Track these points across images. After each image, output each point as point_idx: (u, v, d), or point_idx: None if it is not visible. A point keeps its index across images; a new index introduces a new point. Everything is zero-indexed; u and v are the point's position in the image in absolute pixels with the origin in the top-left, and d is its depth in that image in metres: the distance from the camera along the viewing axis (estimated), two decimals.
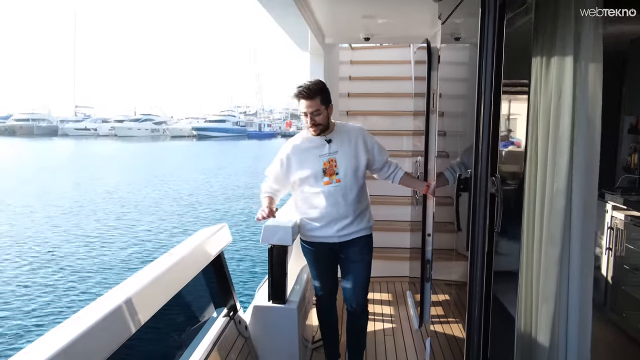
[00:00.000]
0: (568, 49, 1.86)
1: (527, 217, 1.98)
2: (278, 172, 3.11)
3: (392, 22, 4.07)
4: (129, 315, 1.64)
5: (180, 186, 22.55)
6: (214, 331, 2.52)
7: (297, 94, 2.93)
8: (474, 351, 2.07)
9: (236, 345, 2.72)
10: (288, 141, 3.18)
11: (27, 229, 13.97)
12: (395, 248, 5.07)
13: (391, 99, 5.95)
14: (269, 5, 3.50)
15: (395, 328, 4.06)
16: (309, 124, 2.95)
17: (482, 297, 2.00)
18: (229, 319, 2.72)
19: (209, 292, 2.77)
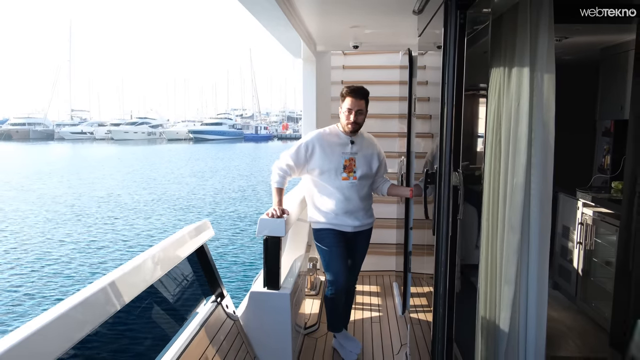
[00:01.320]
0: (525, 61, 2.13)
1: (491, 208, 2.25)
2: (301, 154, 3.35)
3: (379, 32, 4.35)
4: (112, 296, 1.90)
5: (175, 189, 22.71)
6: (201, 315, 2.79)
7: (349, 91, 3.26)
8: (439, 328, 2.33)
9: (224, 327, 2.98)
10: (314, 131, 3.46)
11: (17, 233, 14.14)
12: (384, 244, 5.34)
13: (381, 102, 6.21)
14: (261, 17, 3.75)
15: (382, 316, 4.33)
16: (351, 119, 3.26)
17: (446, 278, 2.26)
18: (217, 304, 2.98)
19: (196, 282, 3.03)
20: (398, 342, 3.86)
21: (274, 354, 3.32)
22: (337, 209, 3.36)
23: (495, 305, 2.31)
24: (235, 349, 3.06)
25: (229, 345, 2.99)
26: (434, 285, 2.33)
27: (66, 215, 16.51)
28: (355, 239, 3.49)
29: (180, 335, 2.58)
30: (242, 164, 34.87)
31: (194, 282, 3.04)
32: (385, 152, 3.61)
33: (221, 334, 2.92)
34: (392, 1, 3.31)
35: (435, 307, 2.33)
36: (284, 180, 3.41)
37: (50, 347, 1.53)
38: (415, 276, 3.43)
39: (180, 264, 2.70)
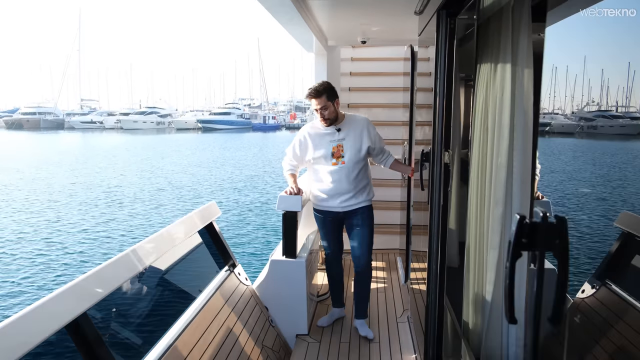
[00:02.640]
0: (507, 57, 2.53)
1: (479, 185, 2.67)
2: (297, 149, 3.81)
3: (385, 29, 4.74)
4: (136, 261, 2.39)
5: (182, 178, 23.07)
6: (216, 281, 3.26)
7: (307, 95, 3.67)
8: (433, 284, 2.76)
9: (237, 291, 3.46)
10: (306, 125, 3.88)
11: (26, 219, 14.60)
12: (390, 224, 5.76)
13: (388, 92, 6.58)
14: (277, 14, 4.13)
15: (387, 287, 4.77)
16: (319, 117, 3.66)
17: (439, 241, 2.69)
18: (230, 272, 3.46)
19: (210, 255, 3.54)
20: (401, 307, 4.30)
21: (291, 316, 3.77)
22: (326, 192, 3.75)
23: (482, 267, 2.73)
24: (249, 310, 3.52)
25: (243, 306, 3.44)
26: (428, 245, 2.75)
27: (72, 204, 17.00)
28: (349, 218, 3.81)
29: (198, 297, 3.05)
30: (248, 154, 35.20)
31: (207, 255, 3.53)
32: (390, 139, 4.02)
33: (235, 297, 3.38)
34: (397, 3, 3.70)
35: (430, 264, 2.76)
36: (294, 169, 3.88)
37: (96, 292, 2.03)
38: (415, 253, 3.86)
39: (192, 238, 3.21)
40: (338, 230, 3.92)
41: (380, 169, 4.11)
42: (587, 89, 1.12)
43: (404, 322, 4.02)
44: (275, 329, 3.76)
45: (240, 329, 3.26)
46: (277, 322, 3.82)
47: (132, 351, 2.63)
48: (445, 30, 2.49)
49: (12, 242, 12.06)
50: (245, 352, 3.17)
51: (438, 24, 2.52)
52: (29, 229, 13.37)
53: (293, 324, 3.82)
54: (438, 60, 2.55)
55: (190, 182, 21.90)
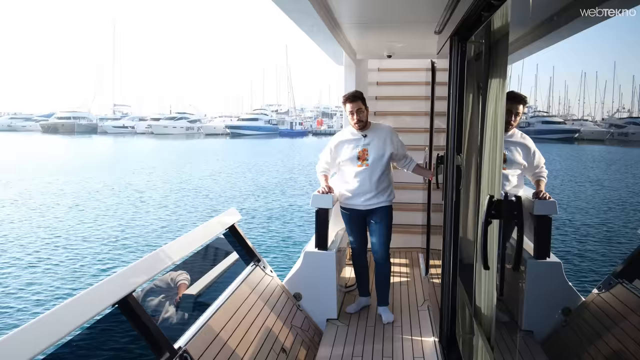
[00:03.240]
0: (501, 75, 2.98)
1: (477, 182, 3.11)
2: (328, 155, 4.36)
3: (408, 45, 5.20)
4: (156, 261, 2.88)
5: (208, 184, 23.53)
6: (242, 274, 3.80)
7: (345, 99, 4.20)
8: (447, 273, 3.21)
9: (263, 281, 4.00)
10: (337, 134, 4.41)
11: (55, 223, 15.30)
12: (412, 225, 6.19)
13: (412, 101, 6.99)
14: (312, 34, 4.62)
15: (410, 280, 5.21)
16: (355, 119, 4.15)
17: (451, 233, 3.14)
18: (255, 266, 4.02)
19: (235, 253, 4.10)
20: (422, 297, 4.74)
21: (323, 302, 4.26)
22: (351, 191, 4.24)
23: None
24: (276, 297, 4.04)
25: (269, 293, 3.97)
26: (442, 237, 3.20)
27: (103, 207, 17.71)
28: (370, 215, 4.28)
29: (228, 287, 3.60)
30: (273, 160, 35.67)
31: (233, 253, 4.11)
32: (413, 145, 4.47)
33: (261, 286, 3.91)
34: (419, 24, 4.17)
35: (444, 253, 3.21)
36: (327, 170, 4.42)
37: (138, 278, 2.59)
38: (434, 251, 4.31)
39: (217, 240, 3.82)
40: (362, 227, 4.39)
41: (403, 173, 4.60)
42: (618, 95, 1.26)
43: (424, 310, 4.45)
44: (304, 312, 4.24)
45: (267, 312, 3.76)
46: (310, 308, 4.30)
47: (174, 327, 3.16)
48: (457, 52, 2.95)
49: (80, 239, 12.85)
50: (274, 330, 3.66)
51: (451, 47, 2.98)
52: (84, 226, 14.18)
53: (324, 309, 4.29)
54: (451, 77, 3.01)
55: (216, 187, 22.38)
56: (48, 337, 1.99)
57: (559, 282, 3.63)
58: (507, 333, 3.29)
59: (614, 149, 22.61)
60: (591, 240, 8.17)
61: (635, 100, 16.69)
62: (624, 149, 20.53)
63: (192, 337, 2.83)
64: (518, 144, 3.66)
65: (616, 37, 1.05)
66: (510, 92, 3.07)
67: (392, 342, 3.92)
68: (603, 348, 3.16)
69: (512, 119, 3.23)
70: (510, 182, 3.49)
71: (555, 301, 3.85)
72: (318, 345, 3.95)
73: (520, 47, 3.26)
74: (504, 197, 1.84)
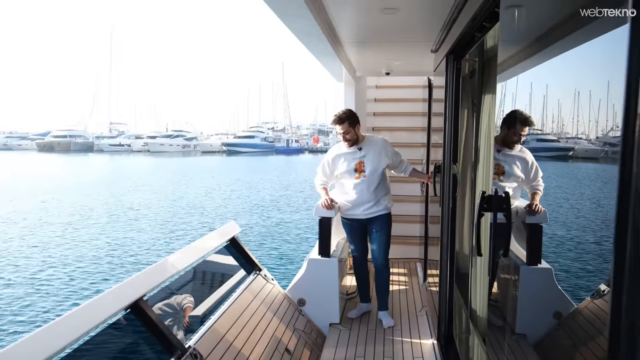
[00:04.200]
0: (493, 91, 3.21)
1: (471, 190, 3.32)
2: (326, 168, 4.57)
3: (406, 63, 5.46)
4: (169, 268, 3.08)
5: (207, 202, 23.62)
6: (245, 283, 4.00)
7: (332, 121, 4.43)
8: (444, 276, 3.41)
9: (265, 289, 4.20)
10: (334, 147, 4.62)
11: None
12: (410, 236, 6.40)
13: (409, 117, 7.23)
14: (315, 51, 4.87)
15: (408, 288, 5.41)
16: (343, 140, 4.41)
17: (448, 237, 3.35)
18: (256, 275, 4.23)
19: (237, 263, 4.32)
20: (420, 304, 4.93)
21: (325, 307, 4.44)
22: (351, 202, 4.46)
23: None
24: (278, 303, 4.23)
25: (271, 299, 4.16)
26: (440, 241, 3.41)
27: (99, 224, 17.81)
28: (370, 223, 4.50)
29: (231, 295, 3.80)
30: (268, 178, 35.79)
31: (234, 264, 4.32)
32: (411, 159, 4.69)
33: (263, 293, 4.12)
34: (417, 43, 4.43)
35: (441, 256, 3.41)
36: (325, 183, 4.63)
37: (139, 289, 2.76)
38: (431, 261, 4.52)
39: (219, 251, 4.04)
40: (363, 235, 4.59)
41: (402, 187, 4.83)
42: (612, 114, 1.32)
43: (422, 315, 4.64)
44: (306, 317, 4.43)
45: (270, 316, 3.96)
46: (313, 313, 4.48)
47: (183, 331, 3.37)
48: (452, 70, 3.20)
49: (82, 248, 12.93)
50: (277, 333, 3.86)
51: (447, 65, 3.23)
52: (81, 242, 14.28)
53: (327, 314, 4.48)
54: (447, 92, 3.25)
55: (211, 204, 22.34)
56: (62, 339, 2.14)
57: (550, 287, 3.83)
58: (502, 336, 3.48)
59: (608, 167, 22.78)
60: (583, 252, 8.36)
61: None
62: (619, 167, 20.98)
63: (200, 338, 3.01)
64: (517, 157, 3.87)
65: (608, 56, 1.11)
66: (518, 113, 3.28)
67: (392, 344, 4.10)
68: (596, 349, 3.34)
69: (516, 138, 3.45)
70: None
71: (546, 305, 4.04)
72: (322, 348, 4.13)
73: (514, 64, 3.50)
74: (494, 193, 2.07)
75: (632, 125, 0.96)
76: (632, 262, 0.93)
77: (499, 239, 2.14)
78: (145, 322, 2.69)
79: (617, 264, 0.96)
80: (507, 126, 2.87)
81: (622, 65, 0.99)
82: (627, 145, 0.99)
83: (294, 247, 13.96)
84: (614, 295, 0.98)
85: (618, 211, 0.97)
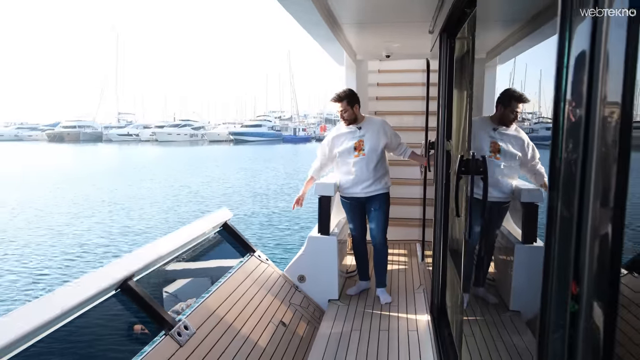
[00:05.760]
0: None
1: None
2: (325, 148, 4.64)
3: (405, 45, 5.50)
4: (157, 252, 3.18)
5: (211, 190, 23.62)
6: (237, 264, 4.09)
7: (331, 99, 4.50)
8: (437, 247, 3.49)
9: (259, 269, 4.29)
10: (333, 128, 4.71)
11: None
12: (410, 218, 6.48)
13: (411, 101, 7.28)
14: (314, 34, 4.92)
15: (407, 268, 5.50)
16: (341, 117, 4.47)
17: (442, 210, 3.42)
18: (250, 256, 4.33)
19: (230, 247, 4.41)
20: (418, 282, 5.02)
21: (325, 283, 4.55)
22: (351, 181, 4.53)
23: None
24: (273, 280, 4.33)
25: (266, 278, 4.27)
26: (434, 213, 3.48)
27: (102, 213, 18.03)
28: (369, 202, 4.57)
29: (224, 274, 3.89)
30: (277, 165, 35.87)
31: (228, 247, 4.41)
32: (414, 142, 4.78)
33: (257, 272, 4.23)
34: (413, 24, 4.47)
35: (435, 228, 3.49)
36: (321, 169, 4.72)
37: (137, 263, 2.88)
38: (428, 242, 4.61)
39: (211, 237, 4.14)
40: (362, 214, 4.67)
41: (402, 170, 4.91)
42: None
43: (420, 293, 4.73)
44: (302, 293, 4.54)
45: (264, 293, 4.07)
46: (313, 289, 4.59)
47: (173, 306, 3.43)
48: (445, 48, 3.25)
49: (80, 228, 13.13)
50: (272, 307, 3.97)
51: (440, 43, 3.28)
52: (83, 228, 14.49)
53: (326, 290, 4.58)
54: (440, 71, 3.31)
55: (216, 193, 22.32)
56: (49, 313, 2.21)
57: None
58: (497, 313, 3.57)
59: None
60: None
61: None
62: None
63: (191, 312, 3.11)
64: (513, 136, 3.93)
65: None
66: (511, 91, 3.34)
67: (388, 319, 4.20)
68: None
69: (513, 116, 3.51)
70: (503, 172, 3.76)
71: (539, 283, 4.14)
72: (320, 322, 4.24)
73: (509, 45, 3.55)
74: (472, 157, 2.15)
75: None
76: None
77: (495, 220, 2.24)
78: (135, 299, 2.79)
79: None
80: (502, 105, 2.93)
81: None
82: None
83: (295, 234, 13.99)
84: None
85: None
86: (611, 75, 0.90)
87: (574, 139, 1.00)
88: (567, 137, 1.04)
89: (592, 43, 0.95)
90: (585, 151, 0.96)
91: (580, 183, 0.98)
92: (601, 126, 0.93)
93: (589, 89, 0.94)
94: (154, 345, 2.72)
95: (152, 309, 2.80)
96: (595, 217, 0.95)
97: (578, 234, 0.99)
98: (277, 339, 3.67)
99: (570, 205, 1.02)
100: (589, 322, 0.98)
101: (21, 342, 2.06)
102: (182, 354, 2.79)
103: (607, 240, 0.92)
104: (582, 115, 0.97)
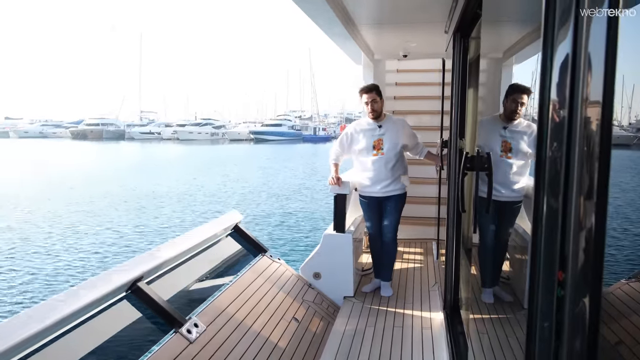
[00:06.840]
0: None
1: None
2: (343, 141, 4.69)
3: (422, 45, 5.55)
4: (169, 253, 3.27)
5: (229, 189, 23.88)
6: (248, 264, 4.19)
7: (360, 90, 4.56)
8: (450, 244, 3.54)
9: (270, 268, 4.37)
10: (353, 122, 4.78)
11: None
12: (427, 217, 6.51)
13: (429, 100, 7.29)
14: (331, 34, 5.00)
15: (423, 266, 5.55)
16: (369, 109, 4.50)
17: (455, 207, 3.47)
18: (262, 256, 4.43)
19: (242, 248, 4.48)
20: (433, 280, 5.06)
21: (340, 280, 4.62)
22: (369, 180, 4.58)
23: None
24: (285, 279, 4.41)
25: (277, 277, 4.34)
26: (447, 211, 3.53)
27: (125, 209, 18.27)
28: (386, 201, 4.63)
29: (236, 274, 3.98)
30: (297, 165, 35.90)
31: (239, 248, 4.48)
32: (431, 142, 4.84)
33: (269, 271, 4.30)
34: (429, 24, 4.52)
35: (448, 225, 3.54)
36: (338, 158, 4.75)
37: (147, 264, 2.98)
38: (443, 241, 4.65)
39: (222, 239, 4.23)
40: (379, 213, 4.73)
41: (419, 169, 4.98)
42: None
43: (434, 290, 4.78)
44: (316, 290, 4.62)
45: (276, 291, 4.14)
46: (328, 286, 4.67)
47: (183, 305, 3.49)
48: (459, 47, 3.31)
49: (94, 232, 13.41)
50: (284, 304, 4.04)
51: (454, 43, 3.33)
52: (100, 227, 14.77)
53: (341, 287, 4.65)
54: (454, 70, 3.36)
55: (230, 193, 22.30)
56: (57, 314, 2.27)
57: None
58: (511, 311, 3.60)
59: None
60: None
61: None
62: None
63: (201, 310, 3.19)
64: (523, 132, 3.96)
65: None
66: (515, 84, 3.37)
67: (403, 316, 4.26)
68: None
69: (518, 108, 3.54)
70: (514, 170, 3.80)
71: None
72: (334, 318, 4.31)
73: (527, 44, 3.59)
74: (476, 153, 2.21)
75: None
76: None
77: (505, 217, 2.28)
78: (144, 300, 2.87)
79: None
80: (506, 98, 2.98)
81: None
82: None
83: (311, 234, 13.98)
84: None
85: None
86: (593, 76, 0.96)
87: (558, 137, 1.07)
88: (552, 136, 1.10)
89: (574, 44, 1.01)
90: (569, 149, 1.03)
91: (564, 179, 1.05)
92: (583, 125, 0.99)
93: (571, 89, 1.01)
94: (164, 342, 2.79)
95: (161, 308, 2.88)
96: (579, 210, 1.02)
97: (563, 226, 1.06)
98: (290, 335, 3.75)
99: (555, 199, 1.08)
100: (574, 307, 1.04)
101: (33, 342, 2.14)
102: (193, 350, 2.86)
103: (591, 231, 0.99)
104: (565, 115, 1.03)
